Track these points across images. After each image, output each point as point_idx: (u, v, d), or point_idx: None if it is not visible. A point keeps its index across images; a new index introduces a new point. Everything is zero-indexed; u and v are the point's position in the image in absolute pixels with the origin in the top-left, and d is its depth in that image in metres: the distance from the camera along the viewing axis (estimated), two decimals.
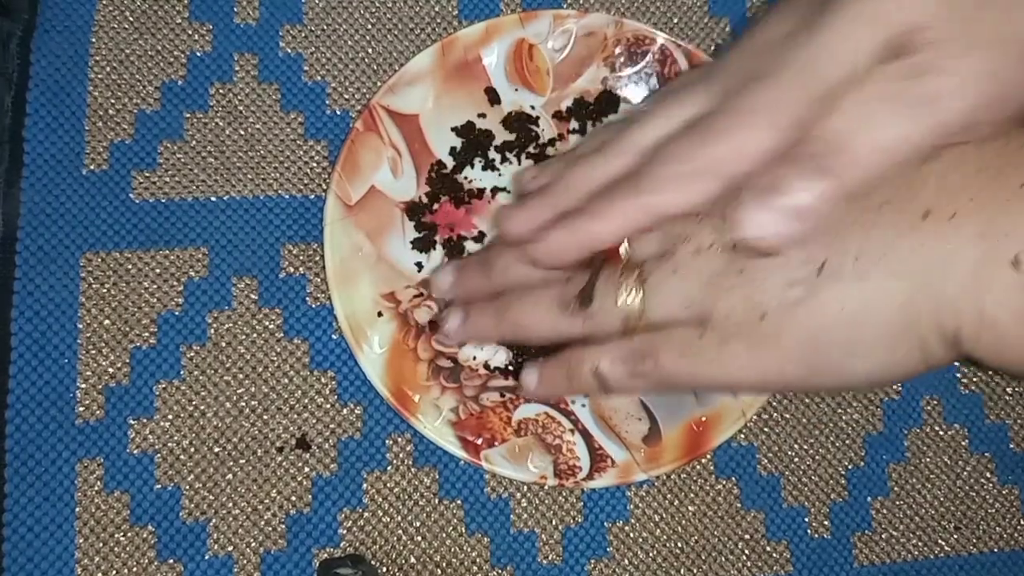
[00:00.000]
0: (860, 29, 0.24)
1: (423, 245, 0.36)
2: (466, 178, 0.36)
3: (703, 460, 0.36)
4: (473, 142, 0.37)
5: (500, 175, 0.37)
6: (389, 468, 0.35)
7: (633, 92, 0.38)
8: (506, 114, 0.37)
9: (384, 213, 0.35)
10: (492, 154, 0.37)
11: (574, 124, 0.38)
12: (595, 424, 0.35)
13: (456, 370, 0.35)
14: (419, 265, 0.35)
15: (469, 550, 0.34)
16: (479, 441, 0.34)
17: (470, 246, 0.36)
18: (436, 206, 0.36)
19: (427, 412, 0.34)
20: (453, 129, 0.37)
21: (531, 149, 0.37)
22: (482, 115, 0.37)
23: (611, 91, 0.38)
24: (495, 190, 0.37)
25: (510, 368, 0.35)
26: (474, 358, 0.35)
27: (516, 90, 0.38)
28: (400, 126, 0.36)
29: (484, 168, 0.37)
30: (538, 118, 0.38)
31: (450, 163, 0.37)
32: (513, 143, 0.37)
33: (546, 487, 0.35)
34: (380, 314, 0.34)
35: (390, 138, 0.36)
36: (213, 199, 0.36)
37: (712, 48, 0.40)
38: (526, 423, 0.34)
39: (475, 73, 0.37)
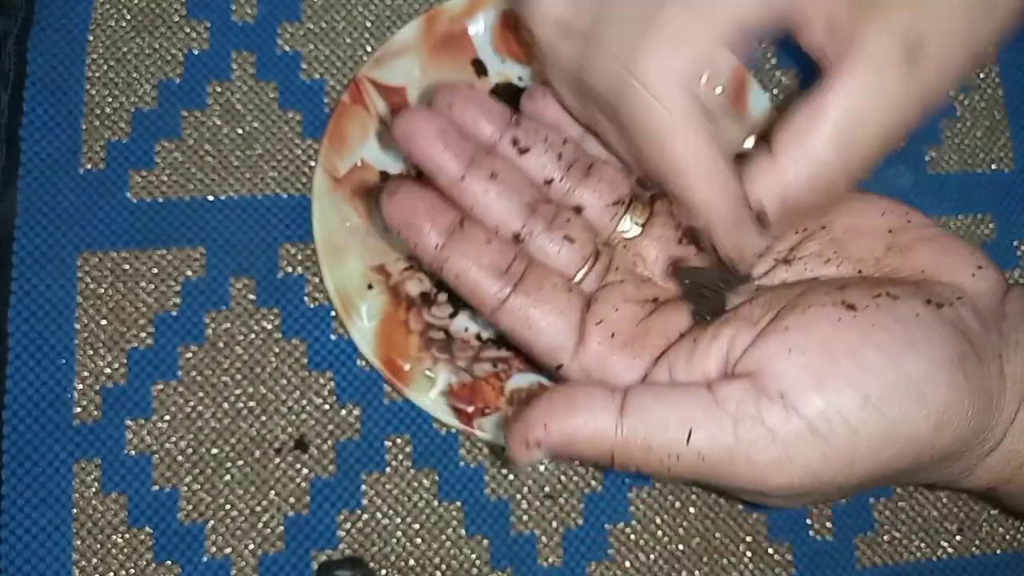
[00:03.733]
0: None
1: None
2: None
3: None
4: None
5: None
6: (388, 469, 0.34)
7: None
8: (493, 85, 0.37)
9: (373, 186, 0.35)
10: None
11: None
12: None
13: (448, 342, 0.34)
14: None
15: (469, 552, 0.34)
16: (471, 410, 0.34)
17: None
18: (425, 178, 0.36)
19: (419, 382, 0.33)
20: None
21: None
22: (469, 87, 0.37)
23: None
24: None
25: (503, 339, 0.35)
26: (466, 329, 0.35)
27: (503, 61, 0.37)
28: (387, 99, 0.36)
29: None
30: (525, 88, 0.37)
31: None
32: None
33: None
34: (370, 287, 0.34)
35: (377, 111, 0.36)
36: (211, 198, 0.35)
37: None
38: (519, 392, 0.34)
39: (461, 45, 0.37)
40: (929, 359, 0.23)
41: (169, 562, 0.32)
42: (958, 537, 0.37)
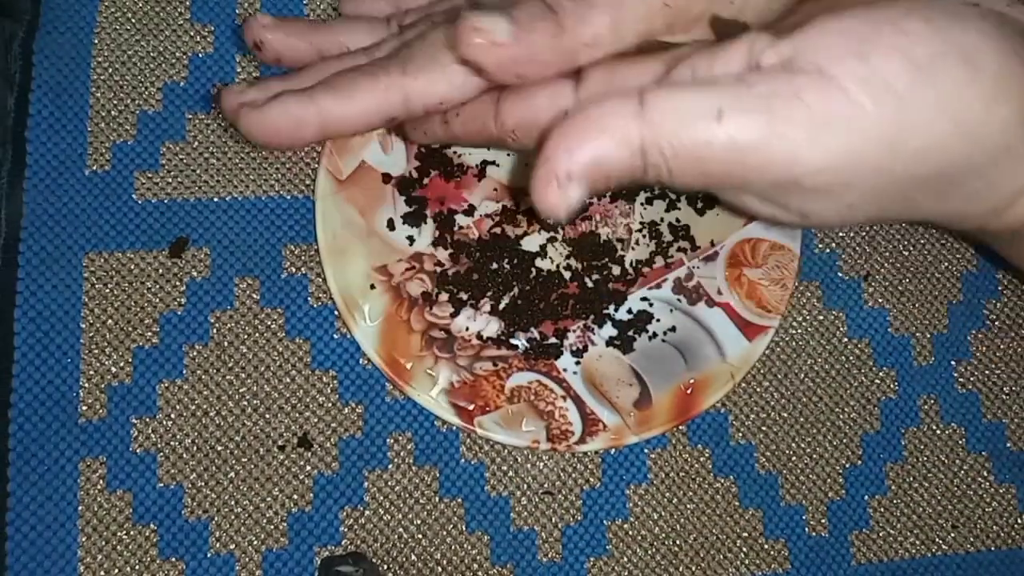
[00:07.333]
0: None
1: (414, 219, 0.36)
2: (455, 152, 0.37)
3: (701, 459, 0.37)
4: None
5: (489, 148, 0.37)
6: (390, 467, 0.35)
7: None
8: None
9: (375, 188, 0.36)
10: None
11: None
12: (586, 390, 0.35)
13: (449, 340, 0.35)
14: (410, 239, 0.36)
15: (469, 548, 0.35)
16: (471, 408, 0.34)
17: (460, 219, 0.36)
18: (426, 180, 0.36)
19: (421, 381, 0.34)
20: None
21: None
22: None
23: None
24: (484, 163, 0.37)
25: (503, 338, 0.35)
26: (467, 329, 0.35)
27: None
28: None
29: None
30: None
31: None
32: None
33: (539, 452, 0.35)
34: (373, 287, 0.35)
35: None
36: (215, 200, 0.36)
37: None
38: (519, 390, 0.35)
39: None
40: (978, 31, 0.22)
41: (174, 559, 0.33)
42: (952, 534, 0.38)
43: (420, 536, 0.34)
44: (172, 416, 0.34)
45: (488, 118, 0.27)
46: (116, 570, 0.33)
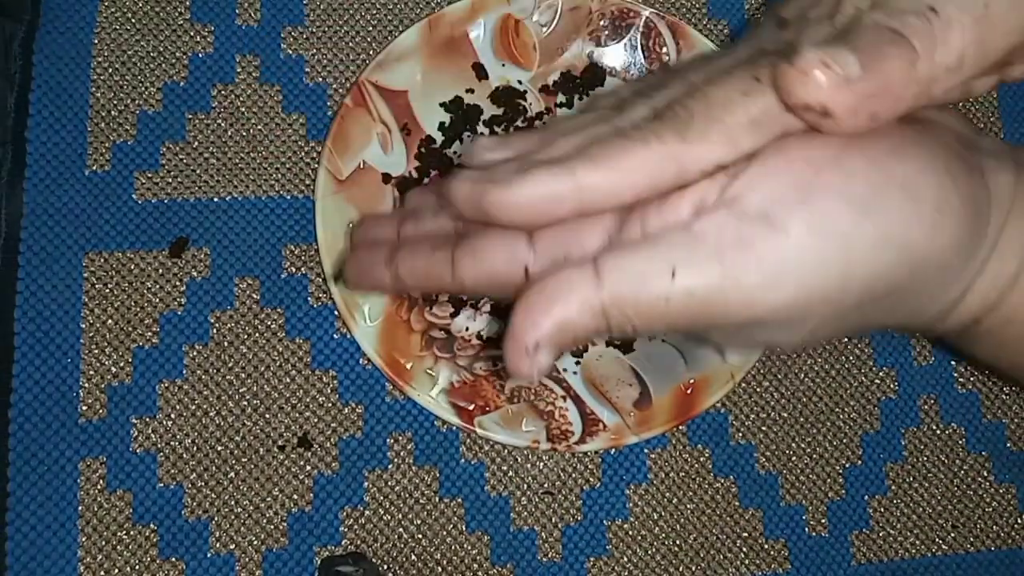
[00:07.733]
0: None
1: None
2: (455, 153, 0.37)
3: (701, 459, 0.37)
4: (462, 117, 0.37)
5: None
6: (390, 467, 0.35)
7: (619, 66, 0.39)
8: (493, 89, 0.38)
9: (374, 188, 0.36)
10: (481, 128, 0.37)
11: (561, 98, 0.38)
12: (587, 390, 0.35)
13: (449, 340, 0.35)
14: None
15: (469, 548, 0.35)
16: (471, 407, 0.34)
17: None
18: (426, 180, 0.36)
19: (421, 381, 0.34)
20: (441, 105, 0.37)
21: (519, 123, 0.38)
22: (470, 90, 0.38)
23: (597, 64, 0.39)
24: None
25: (503, 338, 0.35)
26: (467, 329, 0.35)
27: (503, 65, 0.38)
28: (389, 102, 0.36)
29: None
30: (525, 92, 0.38)
31: (439, 138, 0.37)
32: (501, 117, 0.38)
33: (539, 452, 0.35)
34: None
35: (379, 114, 0.36)
36: (215, 200, 0.36)
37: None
38: (519, 390, 0.35)
39: (462, 49, 0.38)
40: (916, 161, 0.23)
41: (174, 558, 0.33)
42: (952, 534, 0.38)
43: (420, 536, 0.34)
44: (172, 416, 0.34)
45: (444, 274, 0.27)
46: (116, 570, 0.33)
